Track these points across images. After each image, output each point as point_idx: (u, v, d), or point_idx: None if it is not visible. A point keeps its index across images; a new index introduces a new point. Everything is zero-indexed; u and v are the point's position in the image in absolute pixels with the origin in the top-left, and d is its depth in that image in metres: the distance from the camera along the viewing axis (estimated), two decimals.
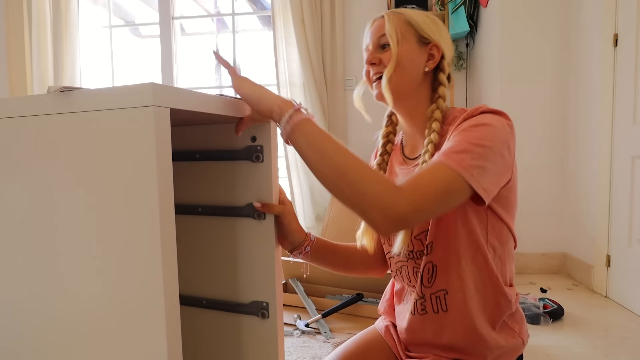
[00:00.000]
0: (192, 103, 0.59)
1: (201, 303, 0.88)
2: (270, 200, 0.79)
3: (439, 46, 0.87)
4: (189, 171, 0.87)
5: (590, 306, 2.11)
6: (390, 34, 0.84)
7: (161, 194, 0.53)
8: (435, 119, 0.85)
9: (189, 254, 0.89)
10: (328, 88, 3.07)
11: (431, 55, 0.87)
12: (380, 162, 0.96)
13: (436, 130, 0.83)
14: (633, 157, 2.04)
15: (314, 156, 0.69)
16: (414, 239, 0.86)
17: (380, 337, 1.00)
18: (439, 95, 0.87)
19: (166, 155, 0.54)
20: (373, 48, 0.88)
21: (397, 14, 0.87)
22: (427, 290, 0.87)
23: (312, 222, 3.08)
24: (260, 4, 3.77)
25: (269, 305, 0.81)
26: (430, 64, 0.87)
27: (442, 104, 0.86)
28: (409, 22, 0.86)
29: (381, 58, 0.86)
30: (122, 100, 0.54)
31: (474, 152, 0.71)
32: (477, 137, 0.73)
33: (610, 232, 2.22)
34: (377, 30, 0.87)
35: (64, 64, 3.23)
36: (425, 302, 0.88)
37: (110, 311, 0.58)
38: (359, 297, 1.97)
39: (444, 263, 0.84)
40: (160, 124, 0.53)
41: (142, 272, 0.55)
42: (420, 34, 0.86)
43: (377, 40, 0.87)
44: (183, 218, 0.88)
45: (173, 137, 0.89)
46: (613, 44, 2.18)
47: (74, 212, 0.59)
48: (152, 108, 0.52)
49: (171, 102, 0.55)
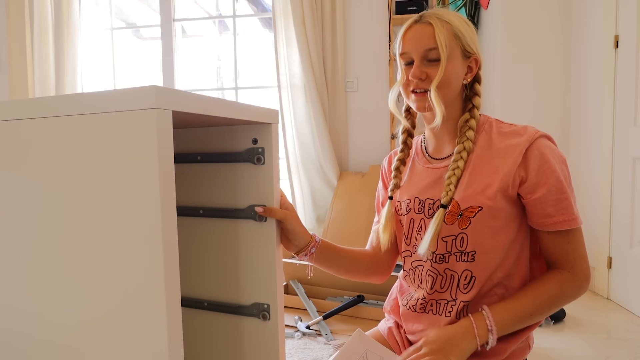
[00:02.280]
0: (194, 105, 0.59)
1: (202, 305, 0.88)
2: (271, 202, 0.79)
3: (478, 59, 0.87)
4: (191, 173, 0.87)
5: (592, 308, 2.10)
6: (442, 48, 0.81)
7: (163, 195, 0.53)
8: (470, 128, 0.86)
9: (190, 256, 0.89)
10: (329, 90, 3.07)
11: (470, 68, 0.87)
12: (402, 156, 0.97)
13: (470, 139, 0.85)
14: (634, 159, 2.04)
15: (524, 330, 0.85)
16: (441, 240, 0.86)
17: (383, 339, 1.00)
18: (474, 105, 0.88)
19: (168, 157, 0.54)
20: (419, 59, 0.84)
21: (445, 23, 0.83)
22: (439, 295, 0.87)
23: (313, 223, 3.08)
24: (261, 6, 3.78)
25: (270, 307, 0.81)
26: (468, 77, 0.87)
27: (477, 114, 0.87)
28: (456, 35, 0.83)
29: (428, 73, 0.84)
30: (125, 102, 0.54)
31: (571, 193, 0.83)
32: (566, 181, 0.82)
33: (612, 234, 2.21)
34: (424, 41, 0.83)
35: (65, 67, 3.23)
36: (425, 304, 0.89)
37: (112, 313, 0.58)
38: (360, 299, 1.96)
39: (482, 274, 0.84)
40: (163, 126, 0.53)
41: (144, 273, 0.55)
42: (465, 48, 0.85)
43: (425, 52, 0.83)
44: (184, 220, 0.88)
45: (174, 140, 0.90)
46: (614, 45, 2.18)
47: (78, 213, 0.59)
48: (154, 110, 0.52)
49: (173, 105, 0.55)
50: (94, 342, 0.60)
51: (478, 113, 0.88)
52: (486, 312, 0.79)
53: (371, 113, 3.10)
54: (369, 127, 3.11)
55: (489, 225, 0.82)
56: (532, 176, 0.80)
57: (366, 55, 3.07)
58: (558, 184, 0.80)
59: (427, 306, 0.89)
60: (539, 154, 0.81)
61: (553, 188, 0.80)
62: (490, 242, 0.83)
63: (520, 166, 0.81)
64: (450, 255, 0.85)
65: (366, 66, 3.08)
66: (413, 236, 0.92)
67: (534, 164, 0.80)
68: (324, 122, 3.02)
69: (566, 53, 2.59)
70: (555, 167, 0.81)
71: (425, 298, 0.89)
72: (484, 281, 0.83)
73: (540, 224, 0.82)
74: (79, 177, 0.58)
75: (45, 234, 0.62)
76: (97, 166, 0.57)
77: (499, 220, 0.82)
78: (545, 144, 0.83)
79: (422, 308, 0.90)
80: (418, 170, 0.94)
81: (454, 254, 0.85)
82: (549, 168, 0.80)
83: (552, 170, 0.80)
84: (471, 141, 0.85)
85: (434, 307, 0.88)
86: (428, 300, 0.89)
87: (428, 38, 0.83)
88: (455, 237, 0.84)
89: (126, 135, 0.54)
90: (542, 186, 0.80)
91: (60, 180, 0.60)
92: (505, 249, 0.83)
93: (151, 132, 0.52)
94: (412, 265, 0.92)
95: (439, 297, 0.88)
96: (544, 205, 0.80)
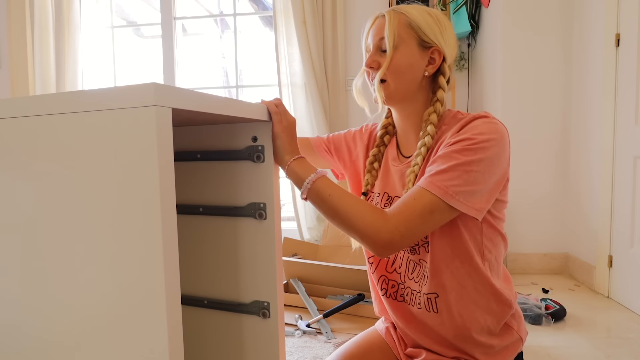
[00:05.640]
0: (193, 103, 0.59)
1: (202, 303, 0.88)
2: (271, 200, 0.79)
3: (441, 50, 0.85)
4: (191, 171, 0.87)
5: (593, 307, 2.10)
6: (388, 38, 0.83)
7: (163, 193, 0.53)
8: (431, 122, 0.84)
9: (190, 254, 0.89)
10: (329, 88, 3.07)
11: (432, 59, 0.85)
12: (376, 152, 0.96)
13: (430, 133, 0.83)
14: (635, 158, 2.04)
15: (318, 205, 0.80)
16: None
17: (380, 338, 1.00)
18: (437, 99, 0.86)
19: (167, 154, 0.54)
20: (373, 50, 0.86)
21: (399, 14, 0.84)
22: (416, 285, 0.88)
23: (314, 222, 3.08)
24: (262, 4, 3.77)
25: (270, 304, 0.81)
26: (430, 69, 0.86)
27: (439, 108, 0.85)
28: (410, 25, 0.83)
29: (380, 62, 0.85)
30: (125, 100, 0.54)
31: (460, 178, 0.74)
32: (464, 161, 0.74)
33: (613, 232, 2.21)
34: (378, 31, 0.85)
35: (66, 65, 3.23)
36: (404, 291, 0.90)
37: (111, 311, 0.58)
38: (360, 297, 1.97)
39: (436, 266, 0.84)
40: (162, 123, 0.53)
41: (144, 271, 0.55)
42: (422, 38, 0.84)
43: (377, 42, 0.85)
44: (185, 218, 0.88)
45: (174, 138, 0.89)
46: (615, 44, 2.17)
47: (77, 211, 0.59)
48: (154, 108, 0.52)
49: (173, 102, 0.55)
50: (93, 339, 0.60)
51: (440, 107, 0.85)
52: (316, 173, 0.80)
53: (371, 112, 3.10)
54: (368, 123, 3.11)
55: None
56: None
57: None
58: (451, 154, 0.76)
59: (405, 295, 0.90)
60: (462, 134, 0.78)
61: (444, 155, 0.77)
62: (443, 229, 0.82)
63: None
64: (420, 247, 0.86)
65: None
66: None
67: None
68: (324, 120, 3.02)
69: (567, 51, 2.59)
70: (459, 143, 0.76)
71: (404, 283, 0.90)
72: (444, 270, 0.83)
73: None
74: (77, 174, 0.58)
75: (44, 231, 0.62)
76: (97, 163, 0.57)
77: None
78: (475, 123, 0.79)
79: (401, 296, 0.91)
80: (389, 167, 0.94)
81: (422, 246, 0.85)
82: (453, 140, 0.78)
83: (457, 141, 0.77)
84: (431, 136, 0.83)
85: (409, 296, 0.89)
86: (406, 287, 0.90)
87: (380, 29, 0.85)
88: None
89: (126, 133, 0.54)
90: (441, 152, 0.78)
91: (59, 178, 0.60)
92: (451, 235, 0.82)
93: (151, 129, 0.52)
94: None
95: (413, 285, 0.88)
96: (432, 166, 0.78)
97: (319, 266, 2.13)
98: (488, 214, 0.83)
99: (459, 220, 0.80)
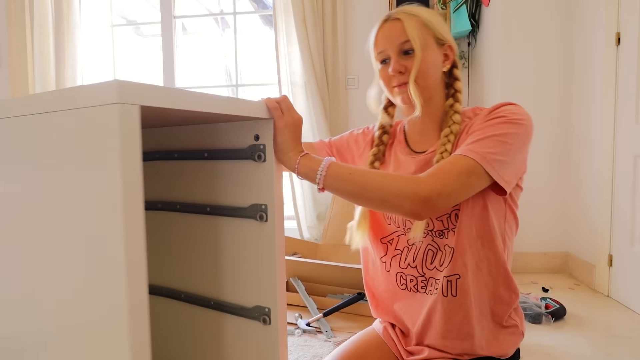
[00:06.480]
0: (166, 100, 0.56)
1: (209, 304, 0.87)
2: (273, 203, 0.77)
3: (452, 45, 0.89)
4: (199, 170, 0.86)
5: (593, 306, 2.10)
6: (413, 39, 0.84)
7: (126, 192, 0.51)
8: (456, 111, 0.87)
9: (196, 253, 0.88)
10: (329, 87, 3.07)
11: (446, 55, 0.89)
12: (377, 152, 0.97)
13: (457, 122, 0.86)
14: (635, 157, 2.04)
15: (340, 188, 0.78)
16: (436, 220, 0.86)
17: (378, 337, 1.00)
18: (456, 89, 0.89)
19: (133, 152, 0.52)
20: (396, 54, 0.86)
21: (413, 15, 0.86)
22: (437, 273, 0.87)
23: (314, 221, 3.08)
24: (262, 3, 3.77)
25: (271, 311, 0.78)
26: (446, 64, 0.89)
27: (460, 97, 0.89)
28: (426, 25, 0.86)
29: (407, 65, 0.86)
30: (89, 98, 0.52)
31: (496, 147, 0.76)
32: (500, 133, 0.77)
33: (613, 231, 2.21)
34: (397, 35, 0.86)
35: (65, 64, 3.23)
36: (426, 282, 0.90)
37: (75, 311, 0.57)
38: (360, 296, 1.97)
39: (461, 247, 0.84)
40: (127, 121, 0.51)
41: (108, 273, 0.54)
42: (437, 36, 0.87)
43: (399, 46, 0.86)
44: (192, 217, 0.88)
45: (181, 136, 0.89)
46: (615, 42, 2.17)
47: (43, 212, 0.58)
48: (117, 105, 0.50)
49: (142, 99, 0.52)
50: (57, 340, 0.59)
51: (460, 96, 0.89)
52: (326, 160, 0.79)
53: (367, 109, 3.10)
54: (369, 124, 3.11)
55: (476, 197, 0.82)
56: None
57: (367, 53, 3.06)
58: (485, 128, 0.79)
59: (427, 286, 0.90)
60: (496, 112, 0.82)
61: (479, 129, 0.80)
62: (474, 210, 0.83)
63: None
64: (449, 231, 0.86)
65: (367, 64, 3.07)
66: (399, 218, 0.92)
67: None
68: (324, 119, 3.02)
69: (567, 51, 2.58)
70: (496, 119, 0.80)
71: (424, 275, 0.89)
72: (468, 253, 0.84)
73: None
74: (46, 174, 0.58)
75: (7, 231, 0.61)
76: (62, 164, 0.56)
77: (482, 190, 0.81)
78: (507, 106, 0.82)
79: (423, 287, 0.90)
80: (402, 160, 0.94)
81: (451, 230, 0.85)
82: (489, 117, 0.81)
83: (493, 117, 0.81)
84: (457, 124, 0.86)
85: (433, 286, 0.89)
86: (428, 278, 0.89)
87: (400, 32, 0.85)
88: (450, 214, 0.85)
89: (91, 131, 0.53)
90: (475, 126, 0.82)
91: (28, 178, 0.59)
92: (479, 218, 0.84)
93: (114, 128, 0.50)
94: (407, 244, 0.92)
95: (437, 274, 0.88)
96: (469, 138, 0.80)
97: (318, 265, 2.13)
98: (510, 199, 0.85)
99: (488, 202, 0.83)
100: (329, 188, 0.78)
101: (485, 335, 0.86)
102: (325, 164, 0.77)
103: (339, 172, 0.77)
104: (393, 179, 0.75)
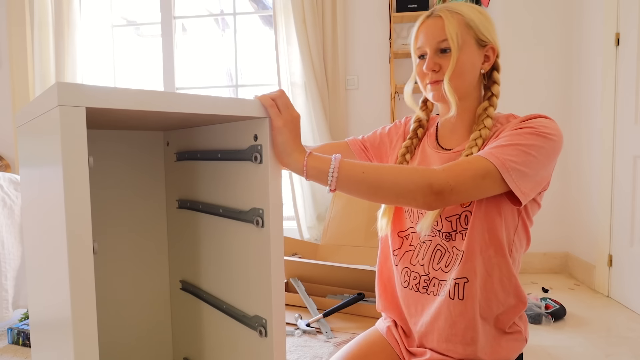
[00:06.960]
0: (115, 100, 0.55)
1: (222, 307, 0.86)
2: (268, 207, 0.74)
3: (495, 47, 0.87)
4: (214, 170, 0.86)
5: (592, 306, 2.10)
6: (452, 38, 0.83)
7: (68, 196, 0.50)
8: (489, 116, 0.86)
9: (212, 254, 0.88)
10: (329, 88, 3.07)
11: (487, 57, 0.88)
12: (409, 145, 0.96)
13: (488, 126, 0.85)
14: (635, 157, 2.04)
15: (354, 189, 0.75)
16: (445, 220, 0.86)
17: (382, 338, 1.00)
18: (493, 93, 0.88)
19: (78, 155, 0.51)
20: (432, 52, 0.86)
21: (455, 14, 0.85)
22: (442, 274, 0.87)
23: (314, 221, 3.08)
24: (262, 4, 3.77)
25: (267, 322, 0.74)
26: (486, 66, 0.88)
27: (496, 102, 0.88)
28: (468, 25, 0.85)
29: (441, 64, 0.85)
30: (41, 106, 0.54)
31: (518, 156, 0.75)
32: (526, 143, 0.76)
33: (612, 231, 2.21)
34: (436, 33, 0.85)
35: (65, 64, 3.23)
36: (428, 282, 0.89)
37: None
38: (360, 296, 1.96)
39: (471, 250, 0.84)
40: (69, 123, 0.50)
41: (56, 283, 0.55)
42: (479, 37, 0.86)
43: (437, 44, 0.85)
44: (206, 217, 0.88)
45: (192, 137, 0.89)
46: (615, 43, 2.17)
47: (43, 210, 0.60)
48: (57, 109, 0.50)
49: (86, 101, 0.51)
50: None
51: (496, 101, 0.88)
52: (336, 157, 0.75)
53: (372, 111, 3.10)
54: (369, 125, 3.10)
55: (490, 203, 0.82)
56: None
57: (367, 53, 3.06)
58: (513, 136, 0.78)
59: (428, 286, 0.89)
60: (527, 122, 0.81)
61: (506, 135, 0.79)
62: (487, 215, 0.83)
63: None
64: (457, 234, 0.85)
65: (367, 64, 3.07)
66: (415, 213, 0.92)
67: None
68: (324, 119, 3.02)
69: (567, 51, 2.58)
70: (525, 129, 0.79)
71: (429, 274, 0.89)
72: (477, 258, 0.84)
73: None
74: (39, 178, 0.60)
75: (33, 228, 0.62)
76: (41, 170, 0.58)
77: (498, 197, 0.82)
78: (540, 119, 0.81)
79: (424, 287, 0.90)
80: (428, 153, 0.94)
81: (459, 232, 0.85)
82: (519, 125, 0.80)
83: (522, 127, 0.80)
84: (488, 129, 0.85)
85: (436, 287, 0.89)
86: (431, 279, 0.89)
87: (439, 30, 0.85)
88: (459, 216, 0.84)
89: (47, 137, 0.54)
90: (504, 132, 0.81)
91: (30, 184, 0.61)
92: (490, 224, 0.83)
93: (56, 130, 0.50)
94: (420, 241, 0.92)
95: (441, 276, 0.88)
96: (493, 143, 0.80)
97: (318, 265, 2.13)
98: (524, 212, 0.85)
99: (502, 210, 0.82)
100: (342, 189, 0.75)
101: (489, 340, 0.86)
102: (336, 165, 0.74)
103: (351, 172, 0.74)
104: (407, 173, 0.74)
